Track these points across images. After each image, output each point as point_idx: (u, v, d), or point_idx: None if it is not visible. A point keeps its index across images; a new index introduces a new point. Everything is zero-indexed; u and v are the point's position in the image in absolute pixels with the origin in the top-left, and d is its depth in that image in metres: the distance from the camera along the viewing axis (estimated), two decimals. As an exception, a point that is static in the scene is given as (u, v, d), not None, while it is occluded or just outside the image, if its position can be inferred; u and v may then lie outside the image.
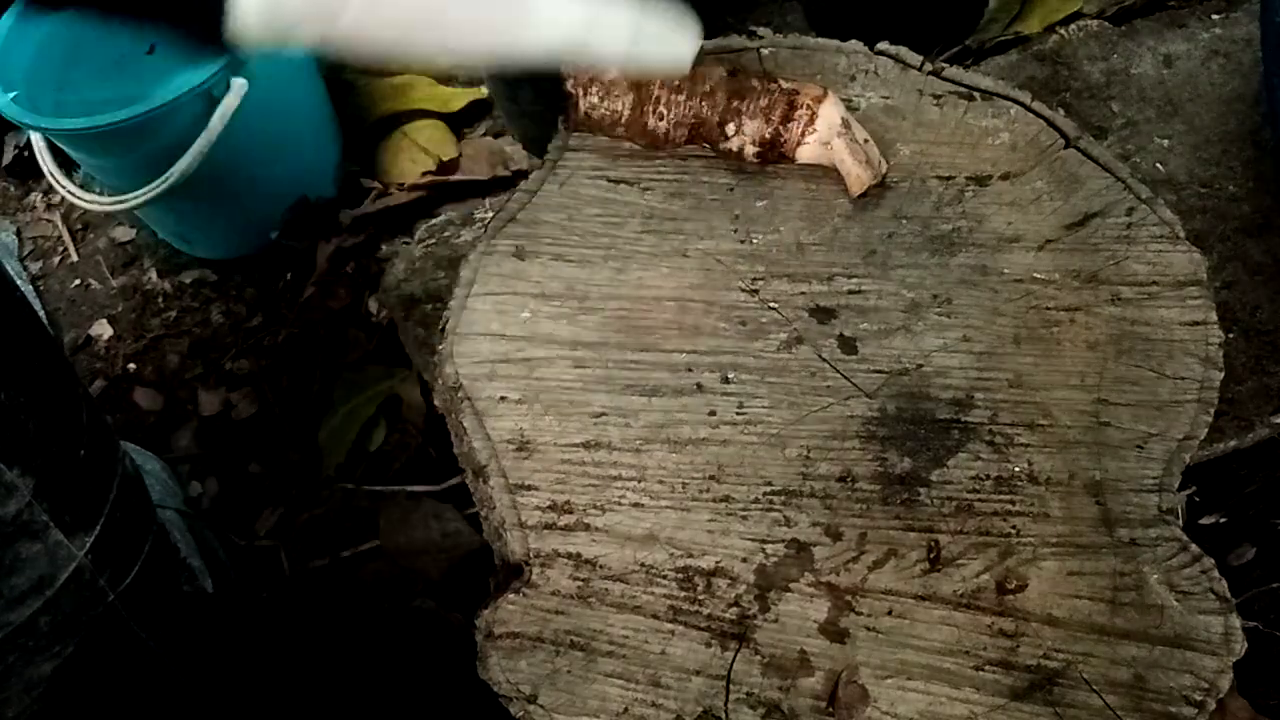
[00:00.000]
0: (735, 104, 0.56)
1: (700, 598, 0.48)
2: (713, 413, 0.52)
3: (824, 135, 0.55)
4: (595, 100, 0.57)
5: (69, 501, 0.52)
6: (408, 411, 0.90)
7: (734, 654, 0.47)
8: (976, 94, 0.59)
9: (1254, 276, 0.74)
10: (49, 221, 1.14)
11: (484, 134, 1.09)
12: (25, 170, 1.17)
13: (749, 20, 1.04)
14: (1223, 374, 0.50)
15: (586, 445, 0.52)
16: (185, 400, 0.98)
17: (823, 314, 0.54)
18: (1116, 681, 0.45)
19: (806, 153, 0.56)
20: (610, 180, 0.59)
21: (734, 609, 0.48)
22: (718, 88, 0.56)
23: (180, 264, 1.08)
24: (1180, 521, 0.48)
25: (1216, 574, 0.46)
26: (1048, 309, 0.53)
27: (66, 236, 1.12)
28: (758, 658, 0.47)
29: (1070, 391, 0.51)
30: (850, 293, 0.55)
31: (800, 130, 0.55)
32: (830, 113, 0.55)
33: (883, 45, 0.61)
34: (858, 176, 0.55)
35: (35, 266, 1.11)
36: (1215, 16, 0.88)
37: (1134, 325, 0.52)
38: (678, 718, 0.46)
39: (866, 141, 0.56)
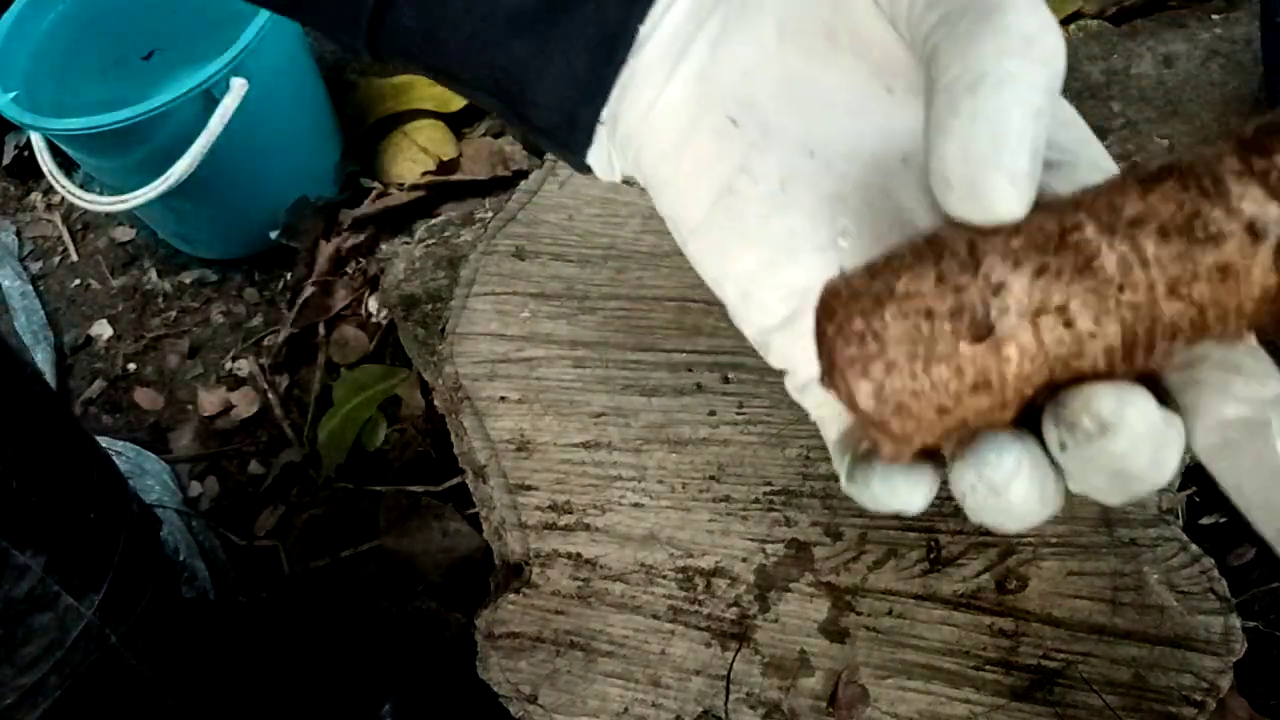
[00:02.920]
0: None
1: (700, 598, 0.48)
2: (713, 413, 0.52)
3: None
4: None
5: (79, 567, 0.52)
6: (408, 411, 0.90)
7: (734, 654, 0.47)
8: (976, 94, 0.59)
9: (1254, 276, 0.74)
10: (49, 221, 1.14)
11: (484, 134, 1.09)
12: (25, 170, 1.17)
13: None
14: (1223, 374, 0.50)
15: (586, 445, 0.52)
16: (185, 400, 0.98)
17: (823, 314, 0.54)
18: (1116, 681, 0.45)
19: None
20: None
21: (734, 609, 0.47)
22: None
23: (180, 264, 1.08)
24: (1180, 521, 0.48)
25: (1216, 574, 0.46)
26: (1048, 309, 0.53)
27: (66, 236, 1.12)
28: (758, 658, 0.46)
29: (1070, 391, 0.51)
30: (850, 293, 0.55)
31: None
32: None
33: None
34: None
35: (35, 266, 1.11)
36: (1215, 17, 0.88)
37: (1134, 325, 0.52)
38: (678, 718, 0.46)
39: None
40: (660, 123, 0.28)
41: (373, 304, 0.98)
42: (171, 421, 0.97)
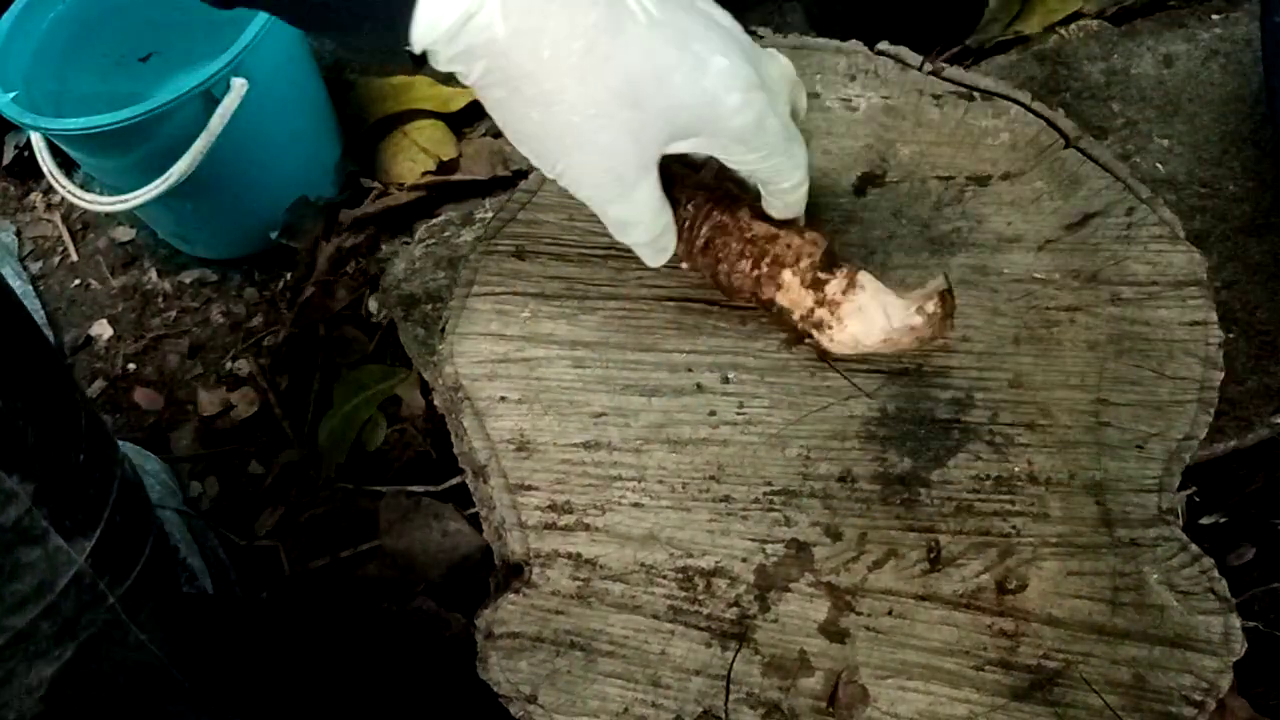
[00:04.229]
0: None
1: (700, 598, 0.48)
2: (713, 413, 0.52)
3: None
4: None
5: (69, 507, 0.52)
6: (408, 411, 0.90)
7: (734, 654, 0.47)
8: (976, 94, 0.59)
9: (1254, 276, 0.74)
10: (49, 221, 1.14)
11: (484, 134, 1.09)
12: (25, 170, 1.17)
13: (748, 20, 1.04)
14: (1223, 374, 0.50)
15: (586, 445, 0.52)
16: (185, 400, 0.98)
17: (823, 314, 0.54)
18: (1116, 681, 0.45)
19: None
20: (610, 180, 0.59)
21: (734, 609, 0.48)
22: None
23: (180, 264, 1.08)
24: (1180, 521, 0.48)
25: (1216, 574, 0.46)
26: (1048, 309, 0.53)
27: (66, 236, 1.12)
28: (758, 658, 0.47)
29: (1070, 391, 0.51)
30: (850, 293, 0.55)
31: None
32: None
33: (883, 45, 0.61)
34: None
35: (35, 266, 1.11)
36: (1215, 16, 0.88)
37: (1134, 325, 0.52)
38: (678, 718, 0.46)
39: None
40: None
41: (373, 304, 0.98)
42: (171, 421, 0.97)
